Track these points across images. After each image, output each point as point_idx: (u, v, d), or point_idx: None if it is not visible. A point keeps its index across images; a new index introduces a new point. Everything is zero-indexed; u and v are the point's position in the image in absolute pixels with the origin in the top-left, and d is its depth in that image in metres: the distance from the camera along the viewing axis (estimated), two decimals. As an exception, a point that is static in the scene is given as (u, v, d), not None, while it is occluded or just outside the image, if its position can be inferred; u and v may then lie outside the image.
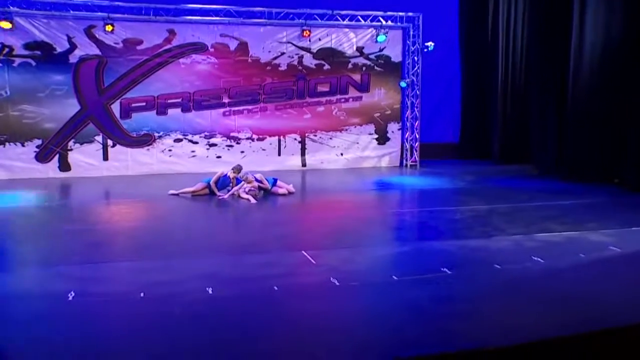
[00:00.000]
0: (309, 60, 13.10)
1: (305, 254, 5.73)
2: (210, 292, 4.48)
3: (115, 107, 12.14)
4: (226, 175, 9.66)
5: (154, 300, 4.30)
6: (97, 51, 11.83)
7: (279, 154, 12.98)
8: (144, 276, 4.94)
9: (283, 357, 3.46)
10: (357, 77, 13.41)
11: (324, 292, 4.67)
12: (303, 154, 13.35)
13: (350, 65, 13.35)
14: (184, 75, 12.40)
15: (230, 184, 9.62)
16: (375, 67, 13.47)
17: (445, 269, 5.20)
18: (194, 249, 5.94)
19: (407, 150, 13.86)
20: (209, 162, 12.67)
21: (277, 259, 5.63)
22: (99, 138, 12.13)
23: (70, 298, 4.35)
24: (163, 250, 5.88)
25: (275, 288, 4.71)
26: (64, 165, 11.98)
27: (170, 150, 12.53)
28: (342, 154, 13.56)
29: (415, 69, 13.49)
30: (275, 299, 4.48)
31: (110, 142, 12.19)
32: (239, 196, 9.22)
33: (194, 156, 12.66)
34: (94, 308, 4.18)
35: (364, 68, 13.41)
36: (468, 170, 12.59)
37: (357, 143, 13.61)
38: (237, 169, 9.70)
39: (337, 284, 4.84)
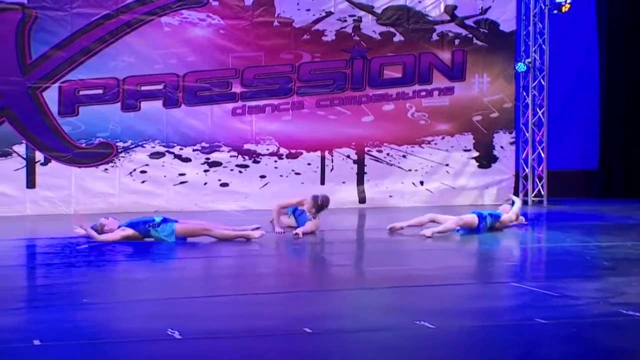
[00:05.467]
0: (370, 27, 13.76)
1: (520, 285, 6.86)
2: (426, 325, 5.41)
3: (51, 96, 12.32)
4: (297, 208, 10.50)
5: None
6: (20, -2, 12.03)
7: (322, 182, 13.49)
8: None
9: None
10: (445, 55, 14.15)
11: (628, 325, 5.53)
12: (361, 182, 13.94)
13: (435, 36, 14.10)
14: (169, 46, 12.82)
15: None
16: (475, 40, 14.27)
17: None
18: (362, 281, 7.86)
19: (523, 177, 14.66)
20: (208, 194, 13.12)
21: (486, 291, 6.96)
22: (20, 149, 12.29)
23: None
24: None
25: (542, 321, 5.54)
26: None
27: (143, 172, 12.84)
28: (422, 183, 14.22)
29: (539, 43, 14.40)
30: (555, 333, 5.33)
31: (39, 156, 12.38)
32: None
33: (183, 183, 12.99)
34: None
35: (456, 41, 14.19)
36: (636, 208, 13.61)
37: (447, 165, 14.30)
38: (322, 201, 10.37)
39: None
